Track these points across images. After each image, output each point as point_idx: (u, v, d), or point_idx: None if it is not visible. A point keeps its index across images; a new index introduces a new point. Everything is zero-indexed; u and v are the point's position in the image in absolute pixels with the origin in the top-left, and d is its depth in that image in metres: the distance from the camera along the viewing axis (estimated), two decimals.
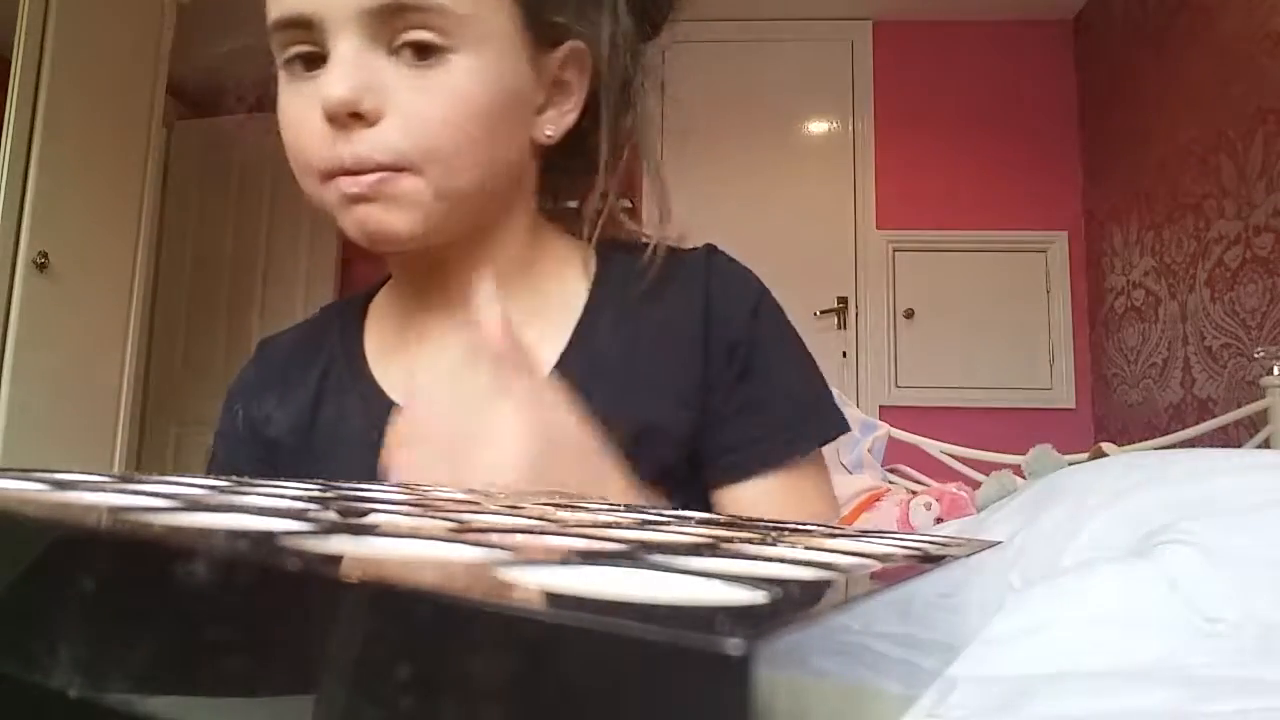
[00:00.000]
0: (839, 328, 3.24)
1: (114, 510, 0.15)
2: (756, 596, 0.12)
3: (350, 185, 0.48)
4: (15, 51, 2.27)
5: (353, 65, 0.47)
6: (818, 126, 3.40)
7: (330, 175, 0.48)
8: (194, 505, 0.16)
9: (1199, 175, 2.47)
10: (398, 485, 0.29)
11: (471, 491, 0.31)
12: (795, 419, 0.56)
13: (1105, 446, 1.61)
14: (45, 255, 2.29)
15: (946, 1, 3.27)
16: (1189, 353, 2.52)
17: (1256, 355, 2.10)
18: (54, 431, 2.36)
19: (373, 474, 0.50)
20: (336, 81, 0.46)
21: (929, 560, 0.21)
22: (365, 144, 0.47)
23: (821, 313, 3.22)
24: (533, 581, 0.11)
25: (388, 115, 0.47)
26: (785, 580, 0.14)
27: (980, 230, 3.23)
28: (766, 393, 0.56)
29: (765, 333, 0.57)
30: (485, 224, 0.55)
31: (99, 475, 0.21)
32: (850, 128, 3.36)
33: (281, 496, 0.20)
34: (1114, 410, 2.99)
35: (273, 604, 0.10)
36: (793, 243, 3.23)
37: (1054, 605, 0.40)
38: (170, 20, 2.74)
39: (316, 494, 0.22)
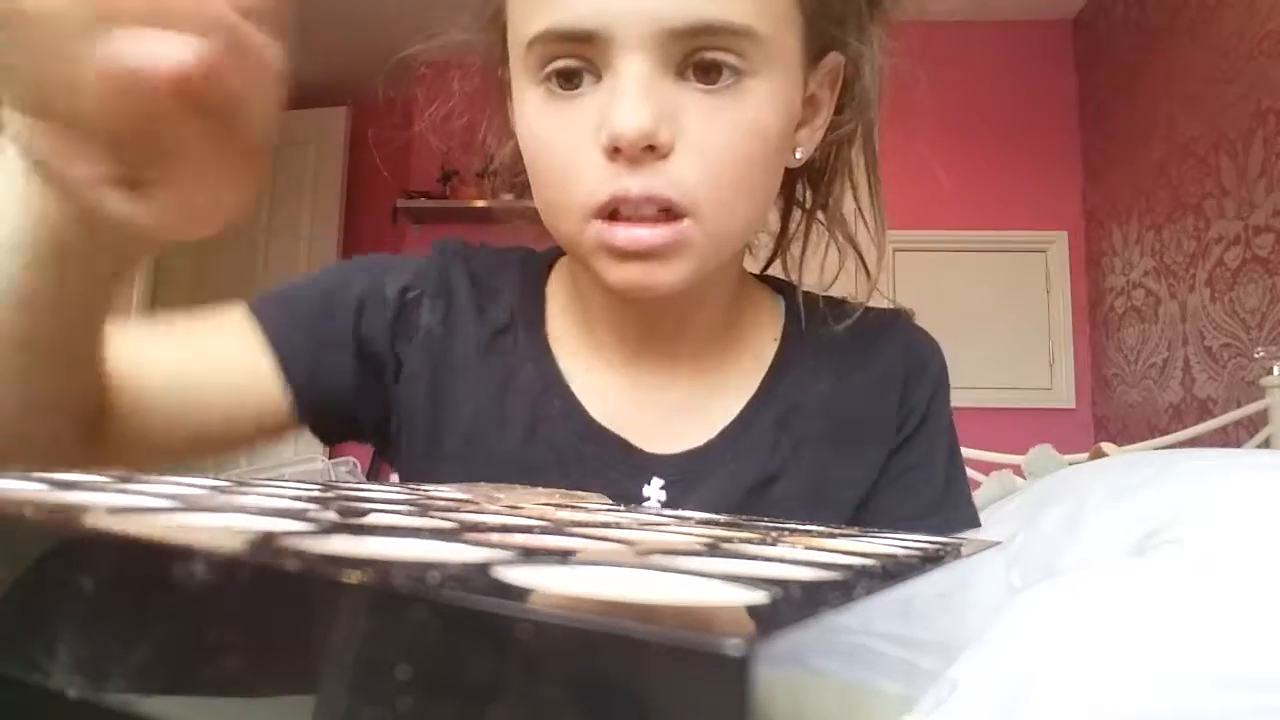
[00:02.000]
0: None
1: (114, 510, 0.15)
2: (756, 597, 0.12)
3: (628, 241, 0.42)
4: None
5: (647, 90, 0.41)
6: None
7: (603, 213, 0.43)
8: (194, 505, 0.16)
9: (1199, 175, 2.47)
10: (398, 485, 0.29)
11: (471, 491, 0.31)
12: (937, 500, 0.55)
13: (1105, 446, 1.61)
14: None
15: (946, 1, 3.27)
16: (1189, 353, 2.52)
17: (1256, 355, 2.10)
18: None
19: (523, 451, 0.50)
20: (633, 109, 0.40)
21: (929, 560, 0.21)
22: (656, 179, 0.41)
23: None
24: (533, 581, 0.11)
25: (679, 148, 0.42)
26: (785, 580, 0.14)
27: (980, 230, 3.22)
28: (925, 469, 0.55)
29: (935, 413, 0.56)
30: (718, 271, 0.49)
31: (99, 475, 0.21)
32: None
33: (281, 496, 0.20)
34: (1114, 410, 2.99)
35: (273, 604, 0.10)
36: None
37: (1054, 605, 0.40)
38: None
39: (316, 494, 0.22)
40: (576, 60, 0.43)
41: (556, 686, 0.09)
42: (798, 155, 0.50)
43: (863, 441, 0.54)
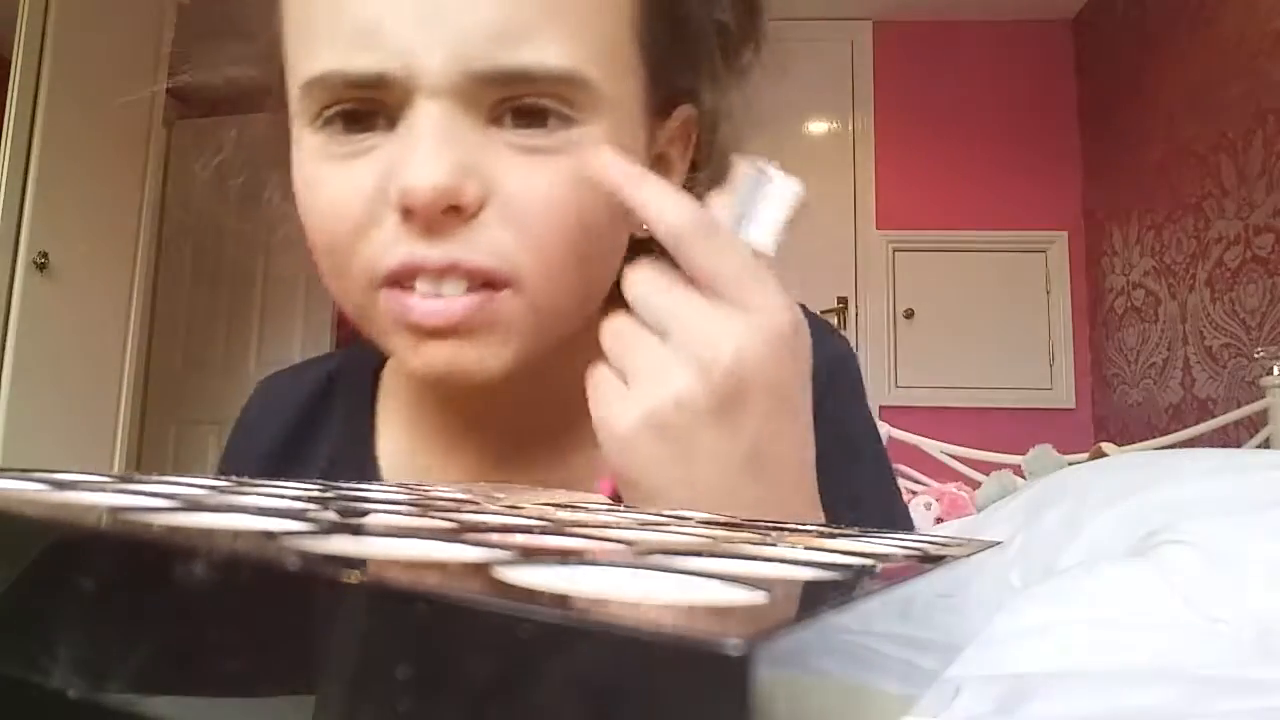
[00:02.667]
0: (839, 328, 3.24)
1: (114, 510, 0.15)
2: (756, 597, 0.12)
3: (426, 316, 0.36)
4: (15, 51, 2.27)
5: (449, 140, 0.34)
6: (818, 126, 3.40)
7: (390, 282, 0.36)
8: (194, 505, 0.16)
9: (1199, 175, 2.47)
10: (398, 485, 0.29)
11: (471, 491, 0.31)
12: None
13: (1105, 446, 1.61)
14: (45, 255, 2.29)
15: (946, 1, 3.27)
16: (1189, 353, 2.52)
17: (1256, 355, 2.10)
18: (54, 431, 2.36)
19: None
20: (428, 162, 0.34)
21: (929, 560, 0.21)
22: (461, 244, 0.35)
23: (821, 313, 3.21)
24: (533, 581, 0.11)
25: (490, 205, 0.35)
26: (785, 580, 0.14)
27: (980, 230, 3.22)
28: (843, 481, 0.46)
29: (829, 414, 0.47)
30: (563, 348, 0.41)
31: (99, 475, 0.21)
32: (850, 128, 3.36)
33: (281, 496, 0.20)
34: (1114, 410, 2.99)
35: (273, 604, 0.10)
36: (792, 242, 3.21)
37: (1054, 605, 0.40)
38: (170, 20, 2.74)
39: (316, 494, 0.22)
40: (358, 105, 0.36)
41: (557, 686, 0.09)
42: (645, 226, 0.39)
43: None
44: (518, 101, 0.36)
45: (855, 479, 0.47)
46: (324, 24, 0.36)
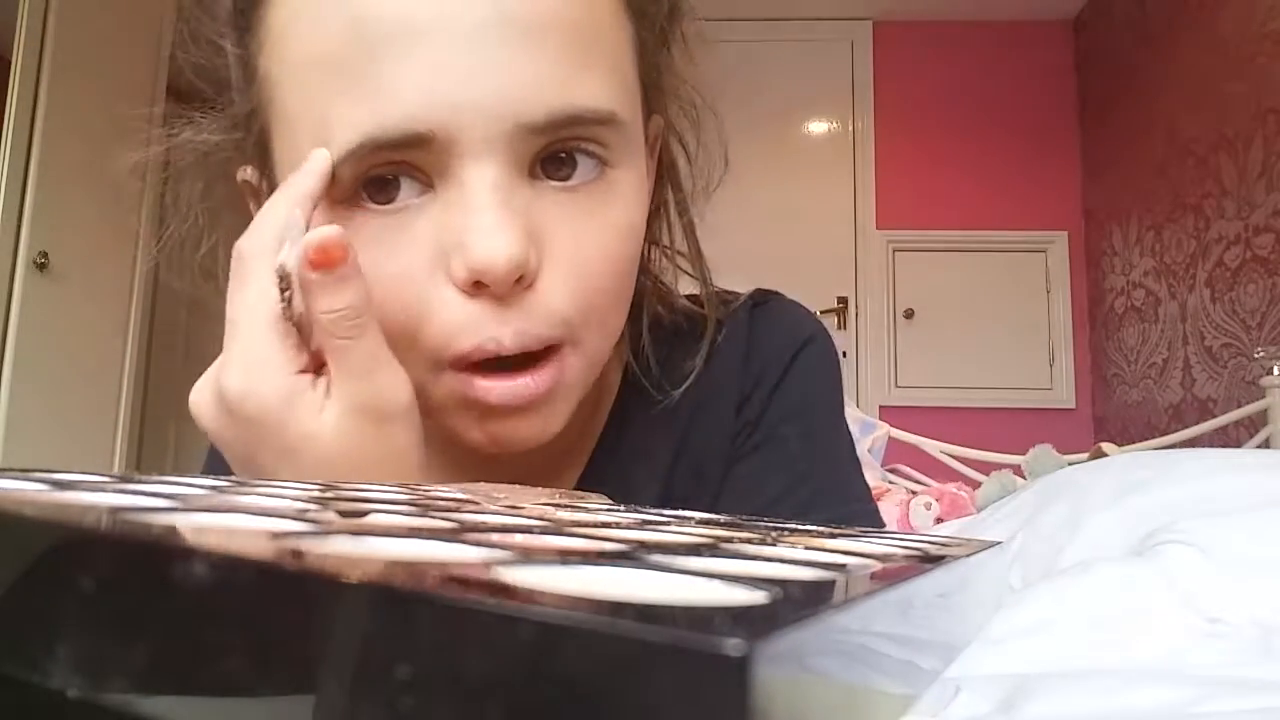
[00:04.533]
0: (839, 328, 3.24)
1: (114, 510, 0.15)
2: (756, 596, 0.12)
3: (501, 398, 0.34)
4: (15, 51, 2.27)
5: (509, 204, 0.32)
6: (818, 126, 3.40)
7: (463, 364, 0.34)
8: (194, 505, 0.16)
9: (1199, 175, 2.47)
10: (398, 485, 0.29)
11: (471, 491, 0.31)
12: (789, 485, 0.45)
13: (1105, 446, 1.61)
14: (45, 255, 2.29)
15: (946, 1, 3.27)
16: (1189, 353, 2.52)
17: (1256, 355, 2.10)
18: (54, 431, 2.36)
19: None
20: (500, 233, 0.31)
21: (929, 560, 0.21)
22: (528, 316, 0.33)
23: (821, 313, 3.22)
24: (533, 581, 0.11)
25: (546, 267, 0.34)
26: (785, 580, 0.14)
27: (980, 230, 3.23)
28: (765, 480, 0.46)
29: (783, 391, 0.46)
30: None
31: (99, 475, 0.21)
32: (850, 128, 3.36)
33: (281, 497, 0.20)
34: (1114, 410, 2.99)
35: (273, 604, 0.10)
36: (793, 243, 3.23)
37: (1054, 605, 0.40)
38: (170, 20, 2.74)
39: (316, 494, 0.22)
40: (399, 169, 0.34)
41: (557, 686, 0.09)
42: None
43: (699, 467, 0.46)
44: (552, 149, 0.34)
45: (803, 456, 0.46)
46: (351, 93, 0.33)
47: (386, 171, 0.34)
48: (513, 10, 0.32)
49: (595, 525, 0.21)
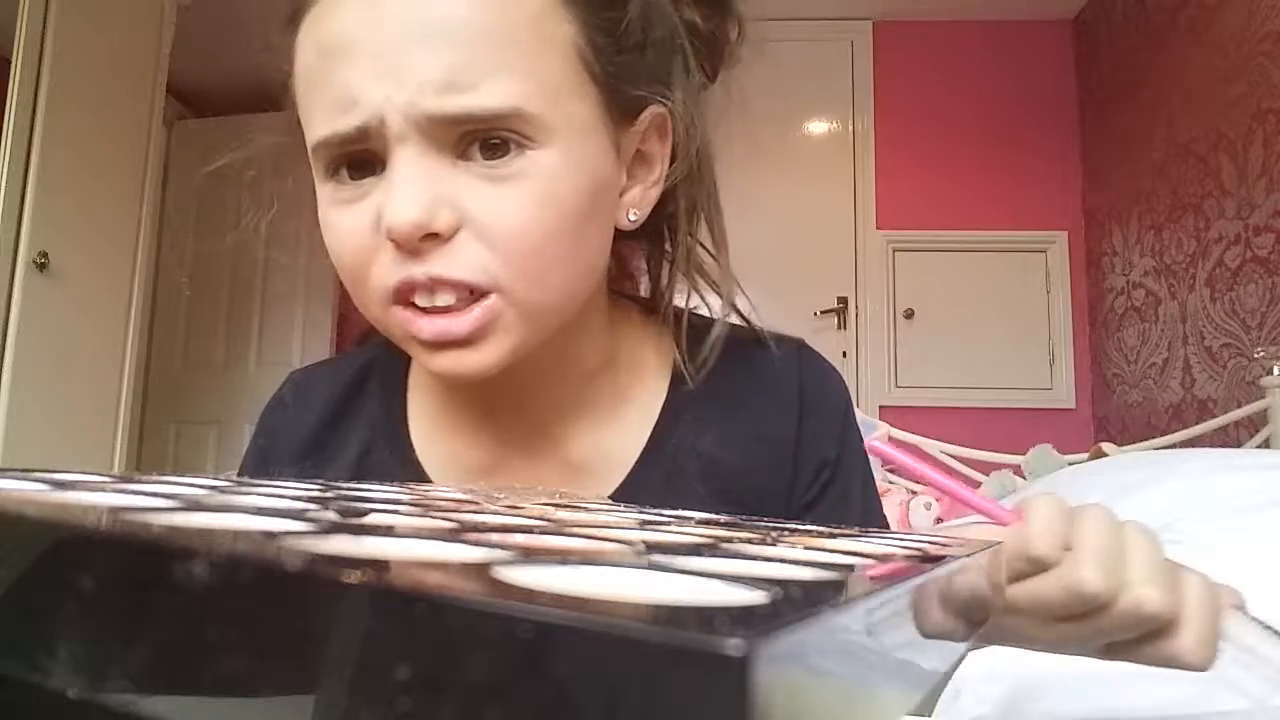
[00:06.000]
0: (839, 328, 3.24)
1: (114, 510, 0.15)
2: (756, 596, 0.12)
3: (431, 334, 0.42)
4: (15, 51, 2.27)
5: (419, 179, 0.40)
6: (818, 126, 3.40)
7: (399, 299, 0.43)
8: (194, 505, 0.16)
9: (1199, 175, 2.47)
10: (398, 486, 0.29)
11: (471, 491, 0.31)
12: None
13: (1105, 446, 1.61)
14: (45, 255, 2.29)
15: (946, 1, 3.27)
16: (1189, 353, 2.52)
17: (1256, 355, 2.10)
18: (54, 431, 2.36)
19: None
20: (403, 201, 0.40)
21: (929, 560, 0.21)
22: (442, 263, 0.41)
23: (821, 313, 3.22)
24: (533, 581, 0.11)
25: (465, 227, 0.41)
26: (785, 580, 0.14)
27: (980, 230, 3.22)
28: (840, 511, 0.53)
29: (848, 450, 0.54)
30: (565, 329, 0.48)
31: (99, 475, 0.21)
32: (850, 128, 3.36)
33: (281, 496, 0.20)
34: (1114, 410, 2.99)
35: (273, 604, 0.10)
36: (793, 243, 3.23)
37: None
38: (170, 20, 2.74)
39: (316, 494, 0.22)
40: (360, 154, 0.42)
41: (556, 686, 0.09)
42: (631, 217, 0.48)
43: (753, 504, 0.51)
44: (480, 136, 0.41)
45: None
46: (316, 100, 0.43)
47: (354, 158, 0.43)
48: (432, 25, 0.40)
49: (595, 525, 0.21)
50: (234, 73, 3.65)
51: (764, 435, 0.53)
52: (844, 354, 3.22)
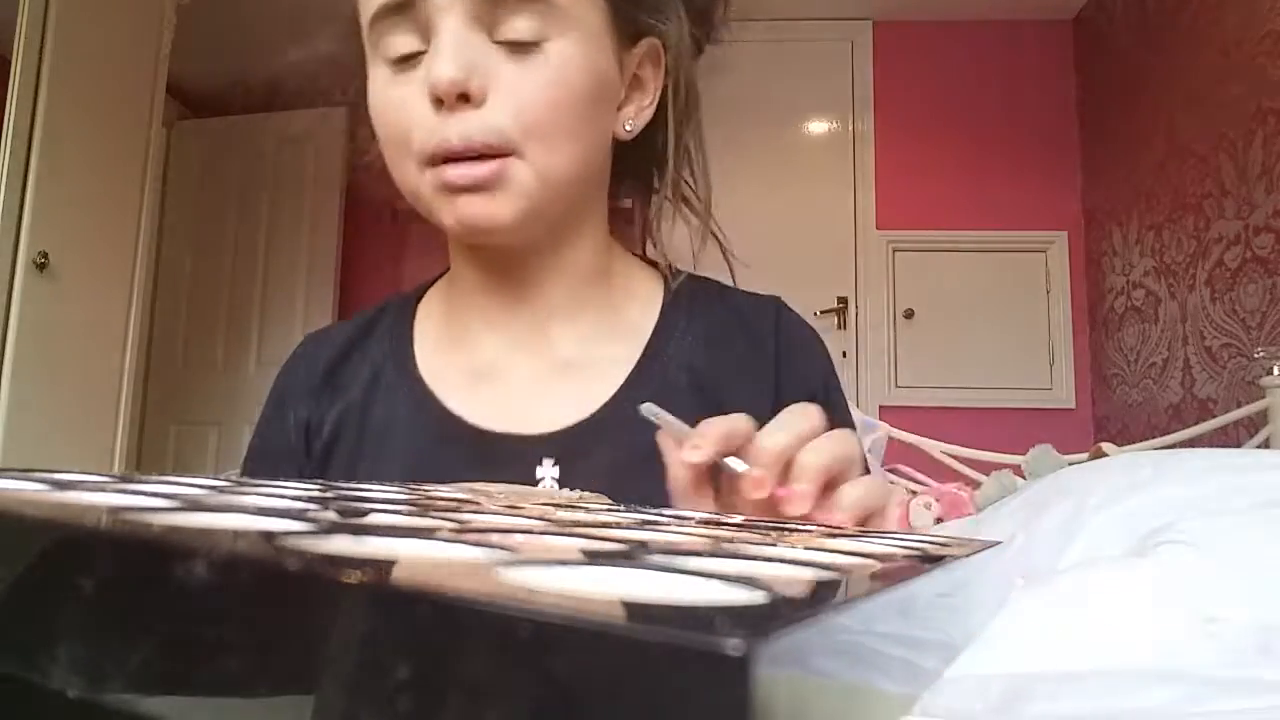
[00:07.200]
0: (839, 328, 3.24)
1: (114, 510, 0.15)
2: (756, 596, 0.12)
3: (457, 176, 0.48)
4: (15, 51, 2.27)
5: (460, 47, 0.48)
6: (818, 126, 3.40)
7: (434, 160, 0.49)
8: (194, 505, 0.16)
9: (1199, 175, 2.47)
10: (398, 485, 0.29)
11: (471, 491, 0.31)
12: None
13: (1105, 446, 1.61)
14: (45, 255, 2.29)
15: (946, 1, 3.27)
16: (1189, 353, 2.52)
17: (1256, 355, 2.09)
18: (54, 431, 2.36)
19: (418, 476, 0.51)
20: (445, 62, 0.47)
21: (929, 560, 0.21)
22: (472, 124, 0.48)
23: (821, 313, 3.22)
24: (533, 581, 0.11)
25: (492, 97, 0.48)
26: (785, 580, 0.14)
27: (980, 230, 3.22)
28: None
29: (835, 396, 0.59)
30: (568, 224, 0.56)
31: (99, 475, 0.21)
32: (850, 128, 3.36)
33: (281, 496, 0.20)
34: (1114, 410, 2.99)
35: (273, 604, 0.10)
36: (793, 243, 3.23)
37: (1054, 605, 0.40)
38: (170, 20, 2.74)
39: (316, 494, 0.22)
40: (406, 35, 0.49)
41: (556, 686, 0.09)
42: (627, 128, 0.56)
43: (734, 394, 0.56)
44: (507, 24, 0.48)
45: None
46: None
47: (402, 38, 0.49)
48: None
49: (595, 525, 0.21)
50: (234, 73, 3.65)
51: (742, 364, 0.58)
52: (844, 354, 3.22)
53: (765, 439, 0.39)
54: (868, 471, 0.43)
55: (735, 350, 0.58)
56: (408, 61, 0.50)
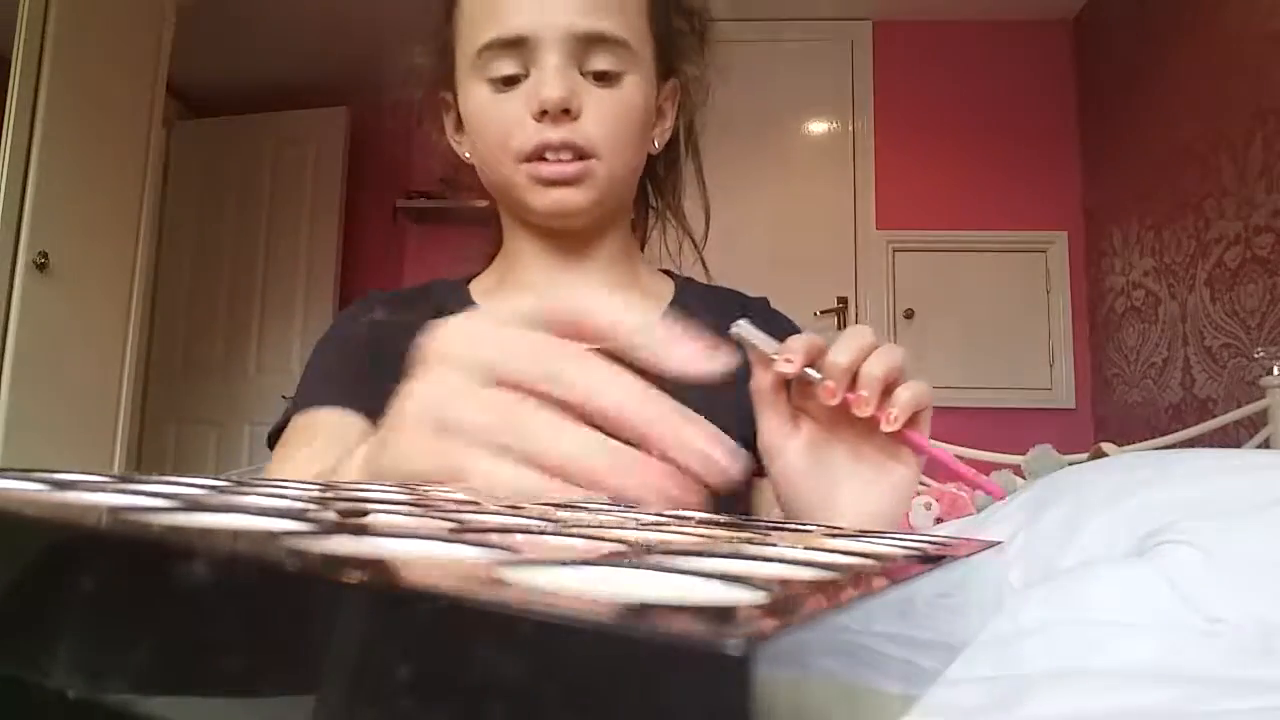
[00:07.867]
0: (839, 328, 3.24)
1: (114, 510, 0.15)
2: (756, 596, 0.12)
3: (551, 171, 0.63)
4: (15, 52, 2.27)
5: (564, 74, 0.61)
6: (818, 126, 3.40)
7: (531, 157, 0.62)
8: (194, 505, 0.16)
9: (1199, 175, 2.47)
10: (398, 485, 0.29)
11: (471, 491, 0.31)
12: None
13: (1105, 446, 1.61)
14: (45, 255, 2.29)
15: (946, 1, 3.27)
16: (1189, 353, 2.52)
17: (1256, 355, 2.10)
18: (54, 431, 2.36)
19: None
20: (555, 85, 0.61)
21: (929, 560, 0.21)
22: (570, 132, 0.62)
23: (821, 313, 3.22)
24: (533, 581, 0.11)
25: (584, 114, 0.62)
26: (785, 580, 0.14)
27: (980, 230, 3.22)
28: None
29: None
30: (613, 214, 0.70)
31: (99, 475, 0.21)
32: (850, 128, 3.36)
33: (281, 496, 0.20)
34: (1114, 410, 2.99)
35: (273, 604, 0.10)
36: (793, 243, 3.23)
37: (1054, 605, 0.40)
38: (170, 20, 2.74)
39: (316, 494, 0.22)
40: (513, 63, 0.63)
41: (557, 686, 0.09)
42: (656, 145, 0.71)
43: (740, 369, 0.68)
44: (593, 62, 0.63)
45: None
46: (487, 14, 0.64)
47: (509, 72, 0.63)
48: None
49: (595, 525, 0.21)
50: (234, 73, 3.65)
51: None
52: None
53: (836, 354, 0.47)
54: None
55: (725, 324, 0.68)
56: (509, 82, 0.63)
